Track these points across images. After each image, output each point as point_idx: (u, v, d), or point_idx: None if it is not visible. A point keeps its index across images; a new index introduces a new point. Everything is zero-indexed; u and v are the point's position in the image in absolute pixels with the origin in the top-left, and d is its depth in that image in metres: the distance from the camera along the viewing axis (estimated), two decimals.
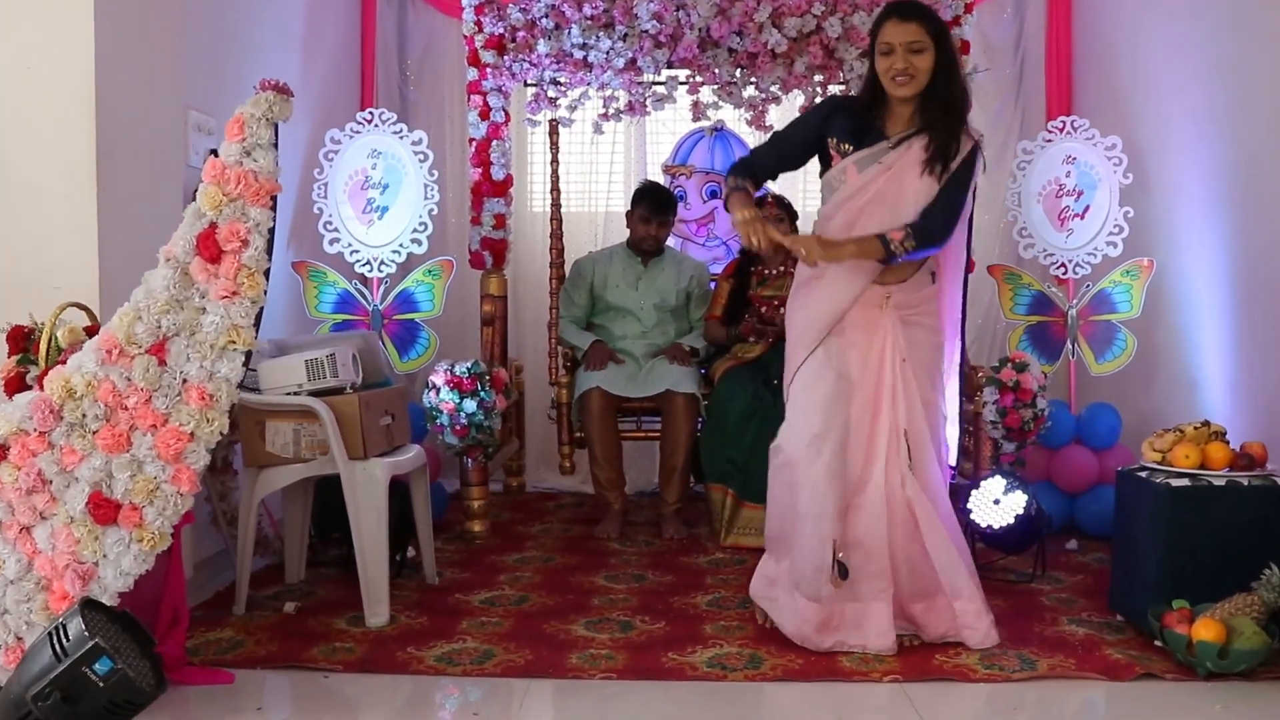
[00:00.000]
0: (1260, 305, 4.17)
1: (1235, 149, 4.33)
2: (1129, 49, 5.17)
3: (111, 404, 2.71)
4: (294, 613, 3.64)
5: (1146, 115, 4.96)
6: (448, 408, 4.40)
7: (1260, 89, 4.14)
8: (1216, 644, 2.97)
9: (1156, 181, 4.87)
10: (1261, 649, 2.99)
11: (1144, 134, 4.94)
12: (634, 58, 4.74)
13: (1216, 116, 4.44)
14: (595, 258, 5.17)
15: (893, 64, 3.23)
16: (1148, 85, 4.99)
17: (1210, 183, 4.48)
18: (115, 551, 2.72)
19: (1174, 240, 4.76)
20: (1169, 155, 4.79)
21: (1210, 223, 4.49)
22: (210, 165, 2.73)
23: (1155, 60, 4.92)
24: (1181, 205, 4.71)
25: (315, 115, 5.06)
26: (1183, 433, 3.44)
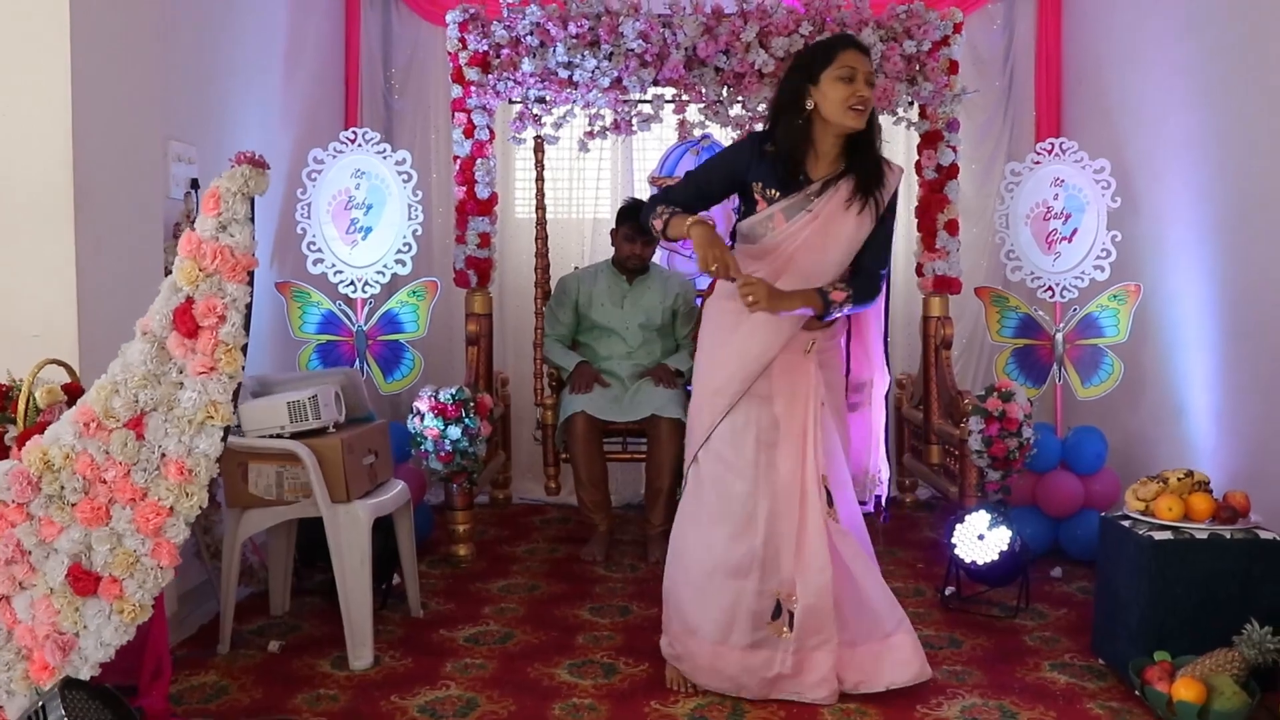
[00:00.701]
0: (1248, 333, 4.16)
1: (1225, 175, 4.31)
2: (1119, 68, 5.13)
3: (90, 477, 2.69)
4: (278, 652, 3.64)
5: (1136, 137, 4.94)
6: (432, 434, 4.38)
7: (1251, 116, 4.11)
8: (1196, 705, 2.98)
9: (1145, 205, 4.85)
10: (1241, 709, 3.00)
11: (1133, 156, 4.91)
12: (619, 76, 4.69)
13: (1207, 142, 4.41)
14: (580, 275, 5.13)
15: (855, 90, 3.12)
16: (1138, 106, 4.96)
17: (1199, 208, 4.46)
18: (96, 623, 2.69)
19: (1162, 265, 4.74)
20: (1158, 179, 4.77)
21: (1199, 249, 4.47)
22: (186, 239, 2.69)
23: (1145, 82, 4.89)
24: (1170, 230, 4.69)
25: (298, 131, 5.01)
26: (1166, 483, 3.44)
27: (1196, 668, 3.10)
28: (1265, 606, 3.23)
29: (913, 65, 4.78)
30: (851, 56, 3.14)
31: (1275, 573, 3.29)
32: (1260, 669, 3.12)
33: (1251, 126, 4.11)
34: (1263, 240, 4.03)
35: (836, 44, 3.21)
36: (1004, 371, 4.83)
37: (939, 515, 5.22)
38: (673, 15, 4.69)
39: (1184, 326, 4.59)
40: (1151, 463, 4.76)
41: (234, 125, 4.50)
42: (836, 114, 3.14)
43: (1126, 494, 3.54)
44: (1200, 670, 3.09)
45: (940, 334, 4.95)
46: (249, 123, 4.63)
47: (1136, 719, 3.13)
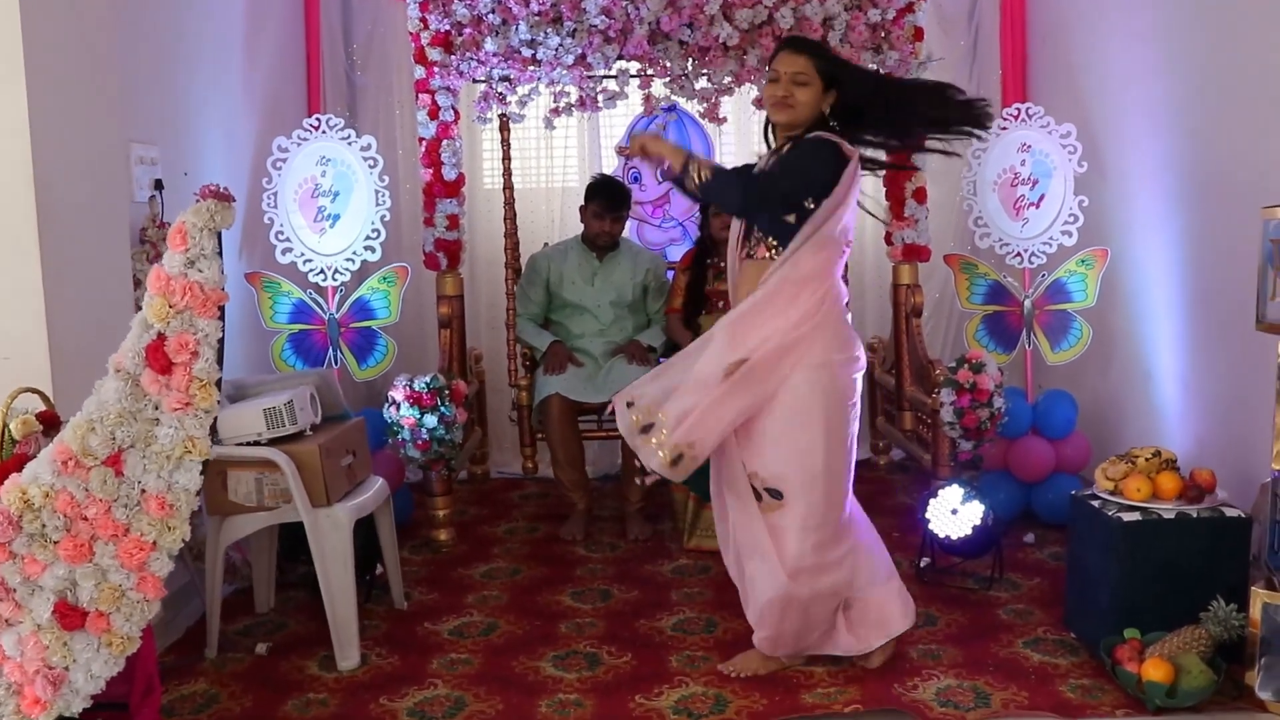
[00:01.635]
0: (1213, 298, 4.20)
1: (1190, 141, 4.32)
2: (1084, 30, 5.12)
3: (71, 514, 2.70)
4: (266, 654, 3.68)
5: (1102, 101, 4.95)
6: (409, 423, 4.40)
7: (1215, 83, 4.12)
8: (1164, 684, 3.07)
9: (1111, 170, 4.87)
10: (1208, 686, 3.09)
11: (1099, 121, 4.93)
12: (583, 53, 4.66)
13: (1172, 108, 4.43)
14: (550, 254, 5.13)
15: (774, 91, 3.34)
16: (1103, 70, 4.96)
17: (1165, 174, 4.48)
18: (84, 657, 2.73)
19: (1129, 230, 4.77)
20: (1124, 144, 4.79)
21: (1165, 214, 4.50)
22: (155, 276, 2.68)
23: (1111, 46, 4.88)
24: (1136, 195, 4.72)
25: (262, 119, 4.97)
26: (1134, 463, 3.50)
27: (1165, 646, 3.18)
28: (1229, 582, 3.30)
29: (877, 34, 4.77)
30: (780, 59, 3.36)
31: (1239, 549, 3.36)
32: (1225, 644, 3.20)
33: (1215, 94, 4.12)
34: (1227, 206, 4.05)
35: (776, 49, 3.46)
36: (974, 338, 4.88)
37: (913, 478, 5.29)
38: None
39: (1151, 291, 4.64)
40: (1121, 427, 4.86)
41: (196, 120, 4.45)
42: (768, 107, 3.41)
43: (1096, 473, 3.60)
44: (1168, 649, 3.17)
45: (910, 302, 5.00)
46: (211, 116, 4.58)
47: (1108, 696, 3.22)
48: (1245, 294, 3.74)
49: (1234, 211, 3.97)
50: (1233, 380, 4.06)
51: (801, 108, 3.31)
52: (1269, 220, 3.19)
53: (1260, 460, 3.61)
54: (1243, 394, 3.97)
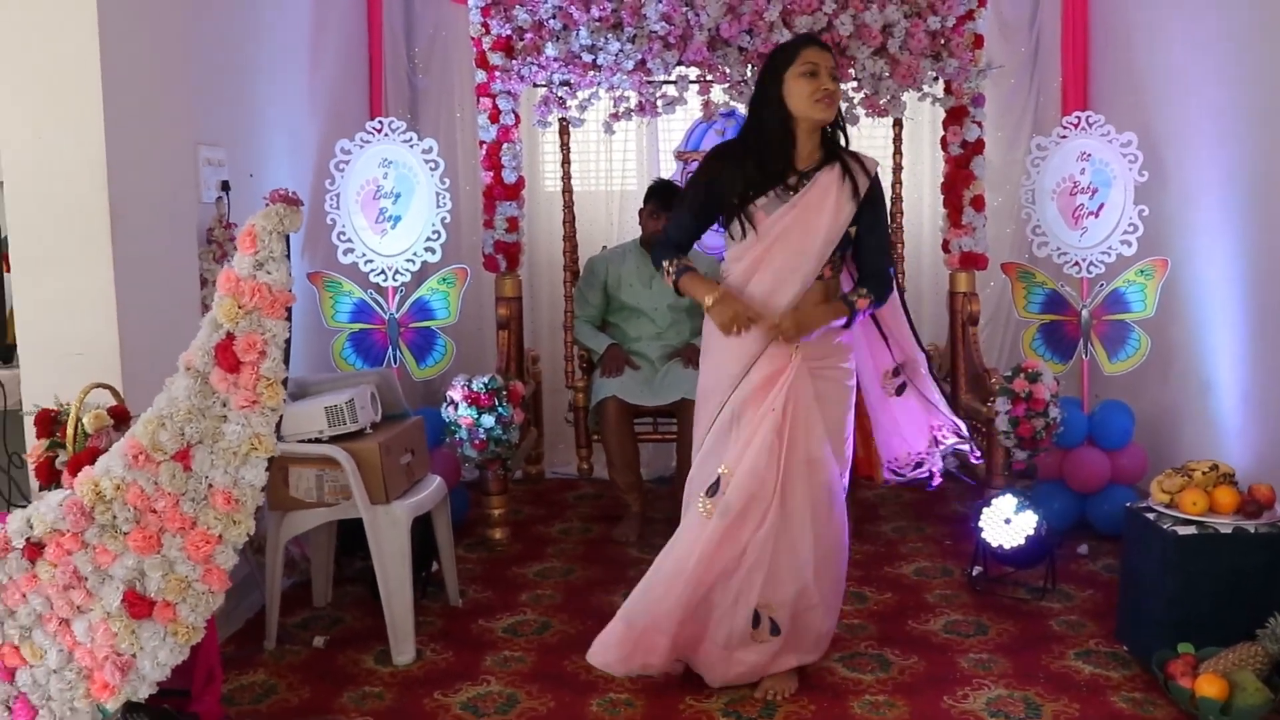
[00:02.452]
0: (1275, 310, 4.17)
1: (1255, 152, 4.30)
2: (1147, 38, 5.09)
3: (140, 507, 2.78)
4: (323, 647, 3.76)
5: (1164, 110, 4.91)
6: (466, 423, 4.47)
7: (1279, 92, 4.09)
8: (1218, 701, 3.05)
9: (1173, 179, 4.83)
10: (1263, 705, 3.07)
11: (1160, 129, 4.89)
12: (643, 59, 4.70)
13: (1237, 118, 4.40)
14: (608, 256, 5.18)
15: (820, 85, 3.22)
16: (1166, 79, 4.92)
17: (1228, 184, 4.45)
18: (151, 645, 2.81)
19: (1189, 240, 4.74)
20: (1186, 154, 4.75)
21: (1227, 225, 4.47)
22: (225, 277, 2.75)
23: (1174, 54, 4.85)
24: (1198, 205, 4.68)
25: (325, 122, 5.06)
26: (1190, 476, 3.49)
27: (1219, 662, 3.17)
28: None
29: (937, 41, 4.76)
30: (812, 53, 3.26)
31: None
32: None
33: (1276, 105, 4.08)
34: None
35: (798, 43, 3.35)
36: (1031, 347, 4.86)
37: (965, 487, 5.28)
38: None
39: (1211, 302, 4.61)
40: (1178, 439, 4.82)
41: (261, 123, 4.54)
42: (802, 107, 3.24)
43: (1152, 485, 3.58)
44: (1223, 665, 3.15)
45: (967, 310, 4.98)
46: (276, 118, 4.67)
47: (1160, 710, 3.21)
48: None
49: None
50: None
51: (837, 103, 3.29)
52: None
53: None
54: None
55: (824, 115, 3.25)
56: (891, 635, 3.80)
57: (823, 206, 3.25)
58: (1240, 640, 3.23)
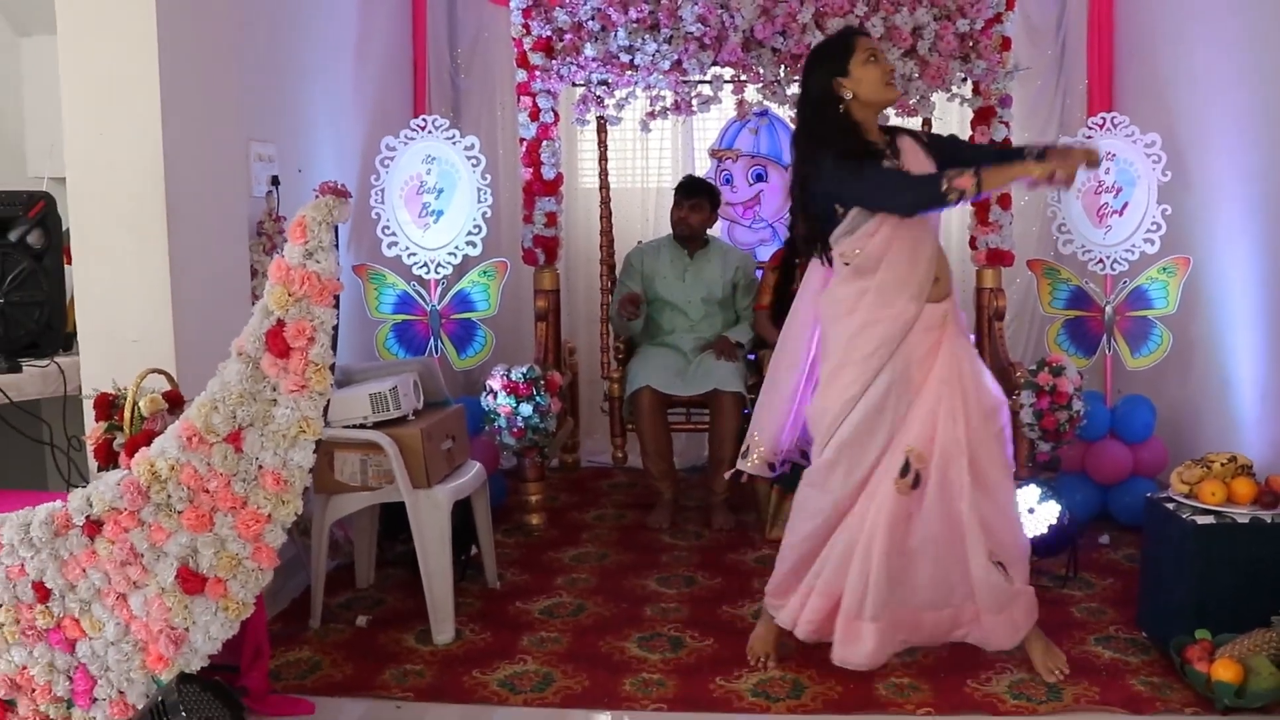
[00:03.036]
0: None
1: (1276, 153, 4.36)
2: (1171, 40, 5.16)
3: (194, 487, 2.89)
4: (365, 626, 3.90)
5: (1188, 111, 4.99)
6: (505, 411, 4.61)
7: None
8: (1233, 684, 3.14)
9: (1196, 179, 4.91)
10: (1276, 688, 3.16)
11: (1184, 130, 4.97)
12: (679, 59, 4.81)
13: (1258, 120, 4.47)
14: (644, 250, 5.31)
15: (885, 67, 3.34)
16: (1190, 80, 4.99)
17: (1251, 185, 4.52)
18: (204, 619, 2.92)
19: (1212, 239, 4.82)
20: (1209, 154, 4.83)
21: (1249, 224, 4.54)
22: (276, 265, 2.87)
23: (1198, 56, 4.92)
24: (1220, 205, 4.76)
25: (370, 119, 5.21)
26: (1210, 467, 3.57)
27: (1235, 647, 3.26)
28: None
29: (966, 43, 4.85)
30: (868, 41, 3.37)
31: None
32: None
33: None
34: None
35: (850, 34, 3.44)
36: (1055, 342, 4.95)
37: None
38: None
39: (1232, 300, 4.68)
40: (1198, 432, 4.90)
41: (309, 120, 4.70)
42: (877, 92, 3.32)
43: (1171, 476, 3.67)
44: (1238, 650, 3.24)
45: (993, 305, 5.08)
46: (323, 116, 4.83)
47: (1177, 694, 3.30)
48: None
49: None
50: None
51: None
52: None
53: None
54: None
55: (895, 95, 3.45)
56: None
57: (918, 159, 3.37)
58: (1255, 627, 3.31)
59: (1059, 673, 3.41)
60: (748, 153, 5.80)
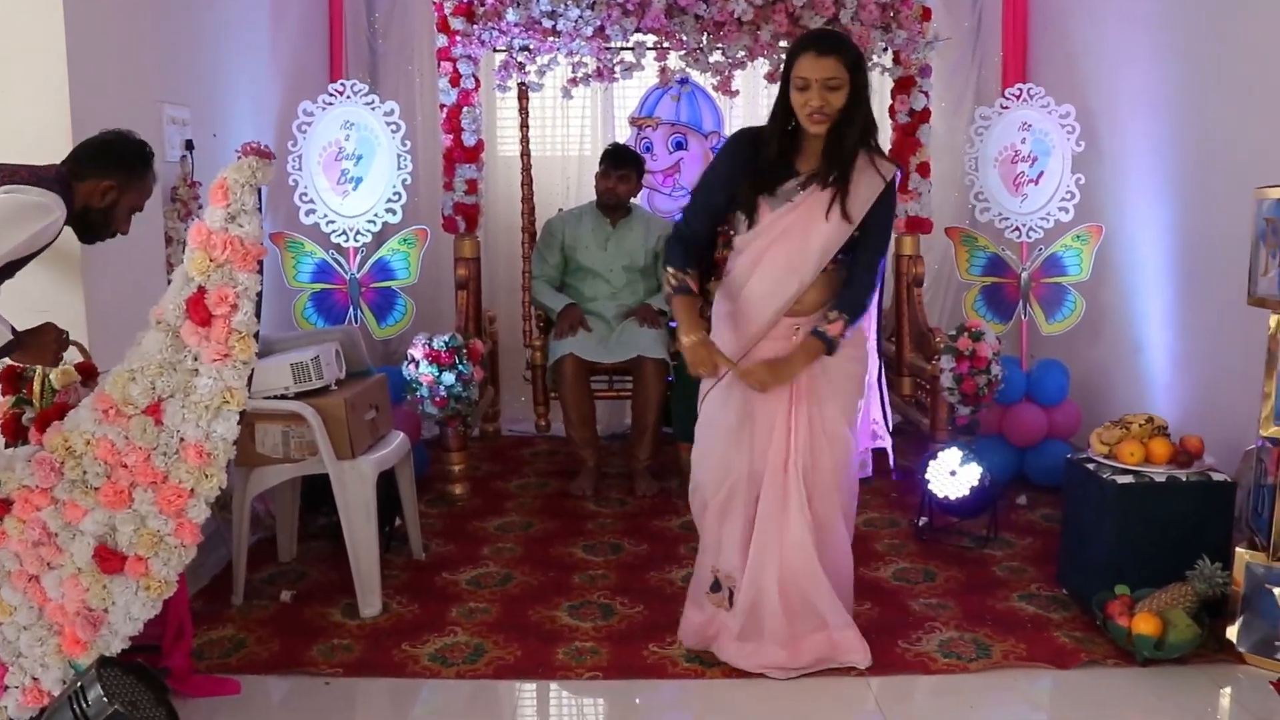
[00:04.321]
0: (1202, 275, 4.37)
1: (1184, 123, 4.47)
2: (1084, 14, 5.28)
3: (111, 462, 2.81)
4: (290, 601, 3.83)
5: (1099, 83, 5.10)
6: (427, 380, 4.55)
7: (1210, 67, 4.27)
8: (1153, 637, 3.24)
9: (1107, 150, 5.02)
10: (1193, 639, 3.26)
11: (1096, 101, 5.08)
12: (602, 25, 4.77)
13: (1168, 91, 4.57)
14: (565, 218, 5.27)
15: (808, 100, 3.03)
16: (1101, 53, 5.10)
17: (1161, 155, 4.63)
18: (123, 599, 2.83)
19: (1123, 208, 4.93)
20: (1120, 125, 4.94)
21: (1158, 193, 4.65)
22: (196, 230, 2.79)
23: (1109, 30, 5.03)
24: (1131, 174, 4.87)
25: (287, 83, 5.10)
26: (1128, 429, 3.66)
27: (1153, 601, 3.35)
28: (1214, 543, 3.47)
29: (887, 13, 4.88)
30: (807, 64, 3.04)
31: (1224, 512, 3.54)
32: (1210, 600, 3.37)
33: (1210, 77, 4.26)
34: (1219, 186, 4.21)
35: (795, 50, 3.11)
36: (973, 308, 5.03)
37: (909, 443, 5.45)
38: None
39: (1142, 267, 4.80)
40: (1110, 395, 5.02)
41: (224, 83, 4.57)
42: (800, 119, 3.10)
43: (1091, 437, 3.75)
44: (1156, 604, 3.34)
45: (912, 272, 5.15)
46: (239, 79, 4.70)
47: (1099, 647, 3.39)
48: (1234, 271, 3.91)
49: (1225, 192, 4.13)
50: (1218, 353, 4.23)
51: (835, 114, 3.06)
52: (1262, 200, 3.33)
53: (1242, 428, 3.78)
54: (1228, 366, 4.12)
55: (816, 130, 3.08)
56: None
57: (821, 213, 3.15)
58: (1172, 581, 3.41)
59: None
60: (668, 120, 5.79)
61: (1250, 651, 3.28)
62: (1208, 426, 3.89)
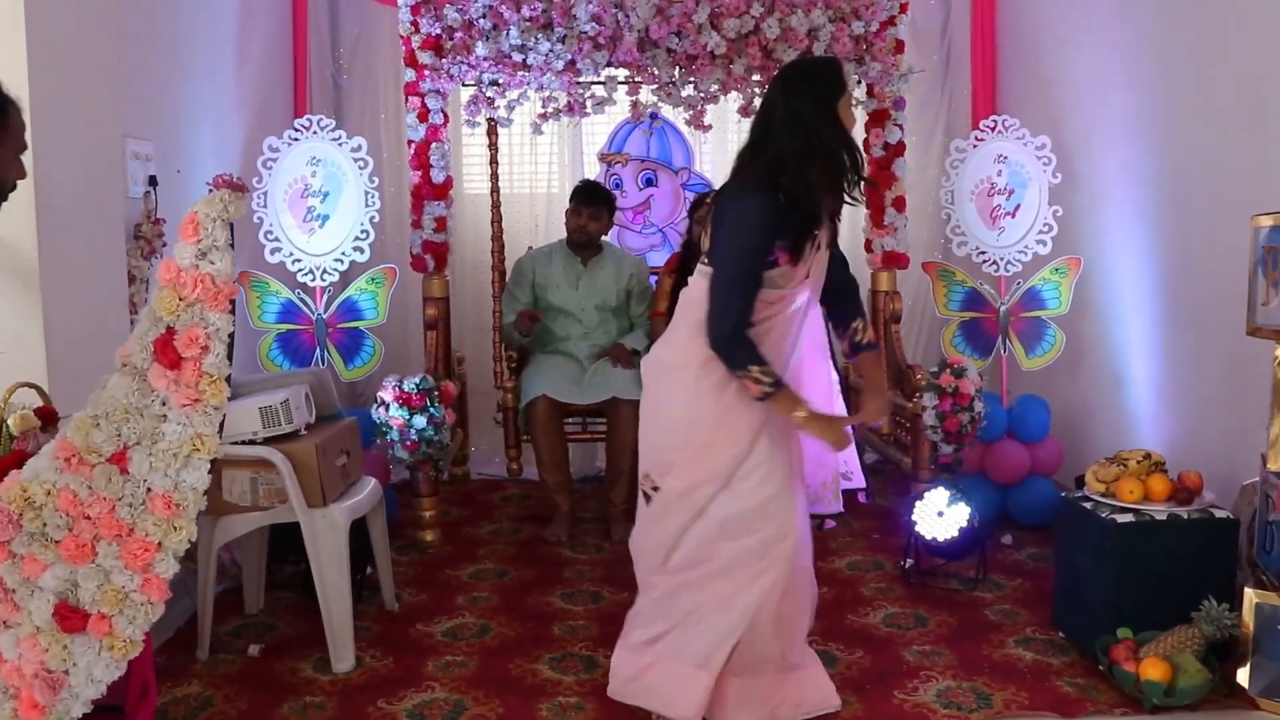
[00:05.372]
0: (1183, 305, 4.33)
1: (1161, 153, 4.45)
2: (1055, 45, 5.26)
3: (73, 513, 2.64)
4: (258, 655, 3.65)
5: (1074, 115, 5.08)
6: (398, 424, 4.40)
7: (1185, 97, 4.26)
8: (1162, 683, 3.14)
9: (1084, 181, 5.00)
10: (1204, 685, 3.17)
11: (1071, 133, 5.06)
12: (573, 59, 4.68)
13: (1144, 121, 4.55)
14: (535, 257, 5.15)
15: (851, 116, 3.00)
16: (1075, 84, 5.09)
17: (1138, 186, 4.60)
18: (85, 660, 2.66)
19: (1101, 239, 4.90)
20: (1096, 156, 4.91)
21: (1137, 224, 4.62)
22: (165, 267, 2.63)
23: (1082, 60, 5.02)
24: (1109, 206, 4.85)
25: (251, 119, 4.96)
26: (1125, 465, 3.58)
27: (1160, 645, 3.26)
28: (1218, 582, 3.39)
29: (860, 45, 4.84)
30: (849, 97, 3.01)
31: (1228, 550, 3.46)
32: (1217, 643, 3.28)
33: (1186, 107, 4.25)
34: (1197, 217, 4.19)
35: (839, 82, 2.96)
36: (951, 344, 4.97)
37: (889, 482, 5.35)
38: None
39: (1122, 299, 4.76)
40: (1092, 430, 4.98)
41: (188, 118, 4.44)
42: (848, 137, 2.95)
43: (1087, 475, 3.67)
44: (1164, 648, 3.25)
45: (889, 308, 5.08)
46: (202, 114, 4.58)
47: (1104, 694, 3.28)
48: (1218, 300, 3.88)
49: (1205, 220, 4.11)
50: (1205, 384, 4.18)
51: None
52: (1259, 228, 3.27)
53: (1234, 461, 3.73)
54: (1216, 397, 4.08)
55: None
56: (833, 630, 3.82)
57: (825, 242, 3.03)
58: (1175, 623, 3.32)
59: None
60: (637, 157, 5.69)
61: (1263, 695, 3.18)
62: (1197, 460, 3.83)
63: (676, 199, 5.72)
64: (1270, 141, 3.72)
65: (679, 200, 5.72)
